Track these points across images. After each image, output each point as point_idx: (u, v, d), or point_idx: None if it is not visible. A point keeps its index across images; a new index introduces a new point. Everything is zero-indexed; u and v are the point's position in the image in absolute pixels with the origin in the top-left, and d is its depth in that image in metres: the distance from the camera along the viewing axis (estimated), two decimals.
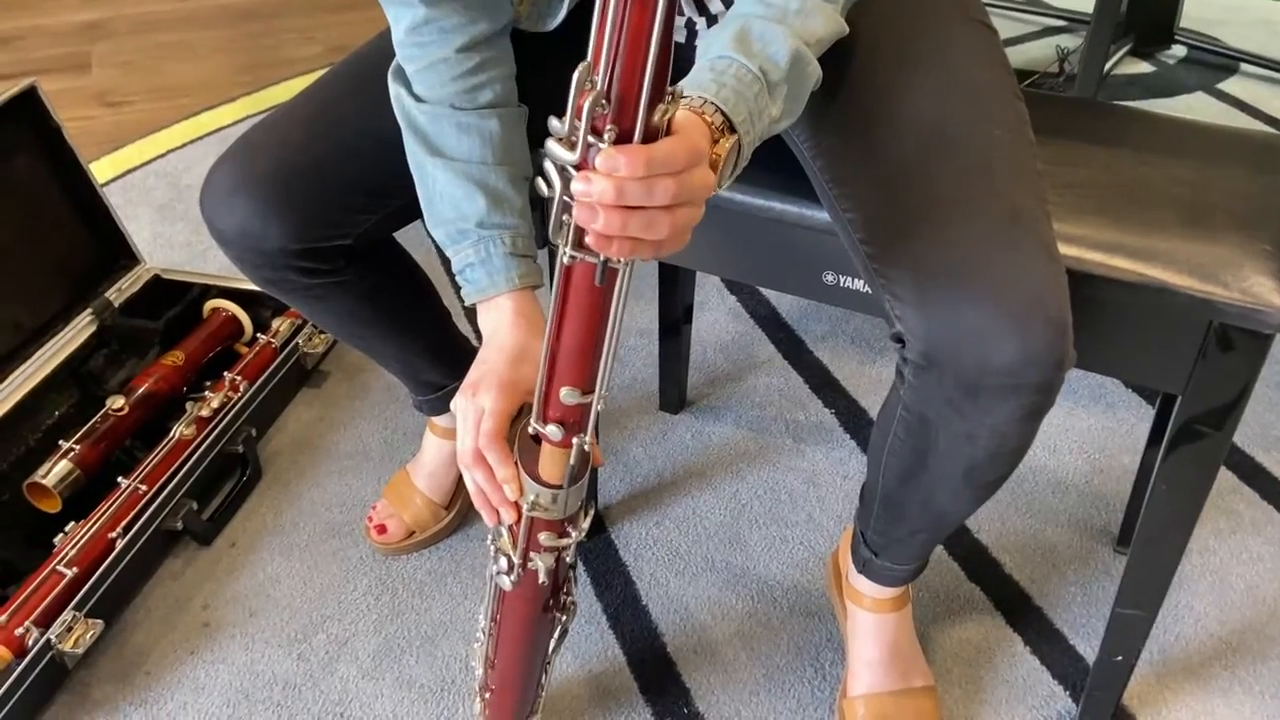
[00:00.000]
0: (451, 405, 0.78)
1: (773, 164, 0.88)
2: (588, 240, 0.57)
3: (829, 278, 0.92)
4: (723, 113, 0.63)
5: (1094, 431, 1.35)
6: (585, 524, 0.76)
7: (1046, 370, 0.69)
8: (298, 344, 1.43)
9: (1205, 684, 1.07)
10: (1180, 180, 0.85)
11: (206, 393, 1.33)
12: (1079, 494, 1.27)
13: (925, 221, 0.73)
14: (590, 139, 0.54)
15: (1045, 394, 0.70)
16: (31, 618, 1.05)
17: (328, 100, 0.94)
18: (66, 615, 1.06)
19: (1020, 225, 0.72)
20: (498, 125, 0.80)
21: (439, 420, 1.21)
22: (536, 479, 0.70)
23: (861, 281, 0.90)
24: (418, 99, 0.81)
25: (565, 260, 0.60)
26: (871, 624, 1.03)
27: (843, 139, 0.78)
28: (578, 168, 0.55)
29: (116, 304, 1.46)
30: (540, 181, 0.57)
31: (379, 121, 0.84)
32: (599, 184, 0.54)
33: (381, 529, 1.22)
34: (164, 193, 1.90)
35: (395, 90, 0.82)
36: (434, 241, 0.83)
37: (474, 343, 1.22)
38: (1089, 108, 1.02)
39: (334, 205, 0.92)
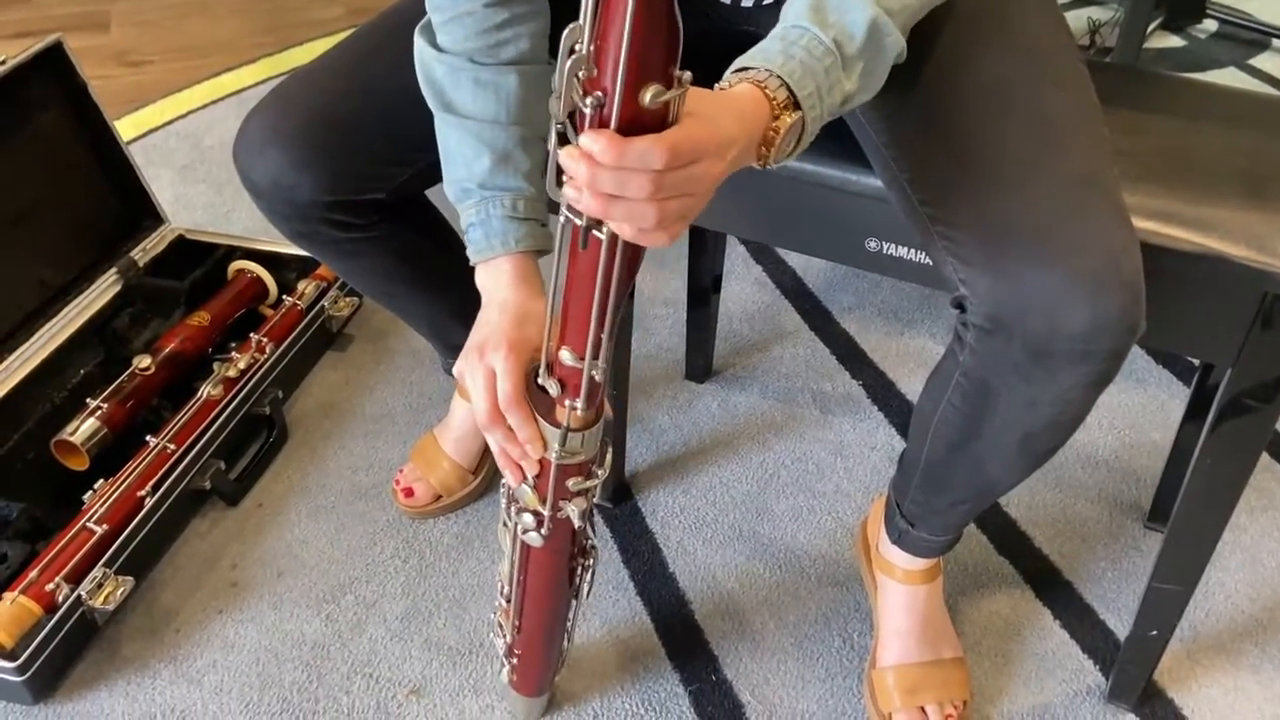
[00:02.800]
0: (455, 370, 0.77)
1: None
2: (573, 204, 0.57)
3: (872, 244, 0.90)
4: (787, 87, 0.61)
5: (1125, 407, 1.34)
6: (608, 461, 0.75)
7: (1119, 336, 0.68)
8: (323, 307, 1.42)
9: (1235, 660, 1.06)
10: (1236, 149, 0.84)
11: (233, 354, 1.33)
12: (1109, 469, 1.26)
13: (993, 182, 0.72)
14: (575, 98, 0.53)
15: (1114, 361, 0.69)
16: (62, 574, 1.05)
17: (364, 53, 0.93)
18: (97, 572, 1.06)
19: (1092, 187, 0.71)
20: (516, 82, 0.79)
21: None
22: (557, 425, 0.70)
23: (906, 248, 0.89)
24: (439, 49, 0.79)
25: (561, 219, 0.60)
26: (903, 595, 1.02)
27: (902, 98, 0.77)
28: (569, 123, 0.55)
29: (141, 263, 1.45)
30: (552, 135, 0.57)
31: (413, 75, 0.83)
32: (575, 165, 0.54)
33: (409, 492, 1.22)
34: (185, 154, 1.88)
35: (418, 44, 0.80)
36: None
37: None
38: (1139, 76, 1.00)
39: (368, 158, 0.91)
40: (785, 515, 1.22)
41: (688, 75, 0.54)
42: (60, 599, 1.03)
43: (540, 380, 0.69)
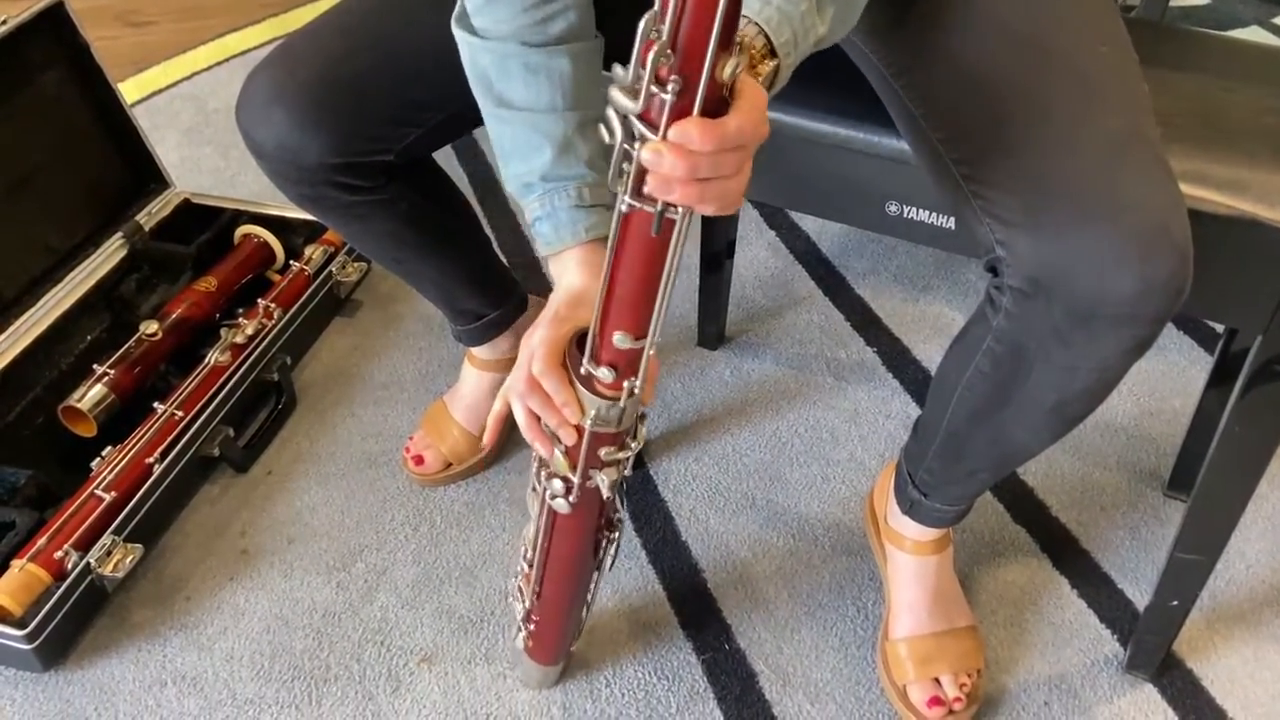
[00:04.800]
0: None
1: (839, 88, 0.84)
2: (648, 190, 0.55)
3: (892, 208, 0.88)
4: (765, 34, 0.60)
5: (1144, 374, 1.32)
6: (643, 433, 0.74)
7: (1166, 300, 0.66)
8: (331, 272, 1.40)
9: (1256, 630, 1.05)
10: (1268, 108, 0.81)
11: (240, 319, 1.31)
12: (1128, 437, 1.24)
13: (1035, 139, 0.69)
14: (654, 89, 0.52)
15: (1157, 325, 0.68)
16: (70, 541, 1.04)
17: (371, 9, 0.90)
18: (105, 539, 1.05)
19: (1137, 144, 0.69)
20: (569, 65, 0.75)
21: (478, 352, 1.19)
22: (596, 394, 0.69)
23: (927, 212, 0.87)
24: (483, 36, 0.75)
25: (623, 208, 0.58)
26: (913, 567, 1.01)
27: (933, 56, 0.74)
28: (640, 117, 0.53)
29: (147, 228, 1.44)
30: (602, 128, 0.56)
31: (421, 32, 0.81)
32: (668, 160, 0.52)
33: (419, 460, 1.21)
34: (190, 116, 1.86)
35: (459, 36, 0.76)
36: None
37: (515, 273, 1.19)
38: (1164, 32, 0.97)
39: (375, 118, 0.89)
40: (798, 483, 1.21)
41: (747, 38, 0.54)
42: (69, 567, 1.03)
43: (585, 369, 0.68)
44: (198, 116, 1.86)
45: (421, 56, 0.79)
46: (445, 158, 1.02)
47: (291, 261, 1.42)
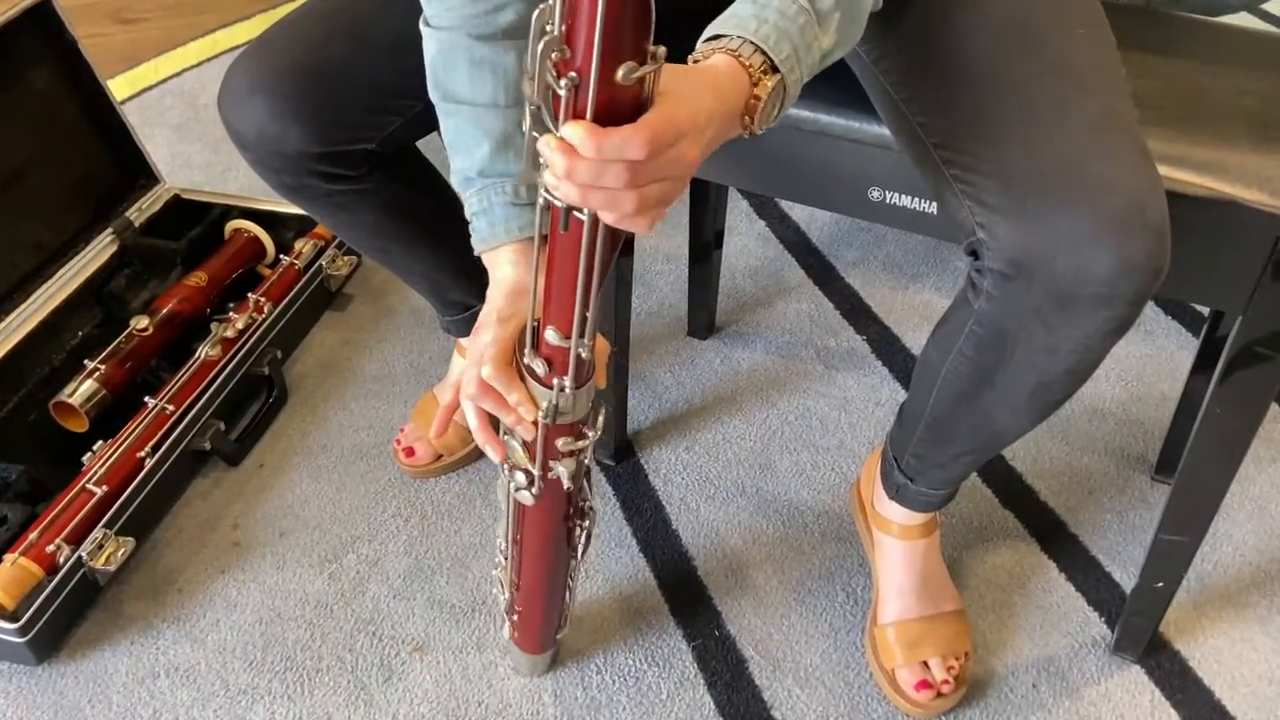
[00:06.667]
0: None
1: (820, 73, 0.84)
2: (547, 182, 0.56)
3: (875, 194, 0.89)
4: (763, 52, 0.60)
5: (1132, 359, 1.33)
6: (600, 422, 0.74)
7: (1144, 281, 0.67)
8: (321, 266, 1.41)
9: (1243, 612, 1.06)
10: (1248, 91, 0.82)
11: (231, 314, 1.32)
12: (1116, 421, 1.25)
13: (1014, 123, 0.70)
14: (549, 82, 0.52)
15: (1136, 305, 0.68)
16: (62, 535, 1.05)
17: None
18: (97, 533, 1.06)
19: (1115, 128, 0.69)
20: (514, 61, 0.75)
21: (466, 342, 1.19)
22: (547, 386, 0.69)
23: (910, 197, 0.87)
24: (433, 26, 0.75)
25: (541, 201, 0.59)
26: (900, 552, 1.02)
27: (913, 40, 0.75)
28: (550, 110, 0.54)
29: (137, 224, 1.44)
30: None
31: (400, 19, 0.80)
32: (553, 155, 0.52)
33: (409, 452, 1.21)
34: (180, 112, 1.86)
35: (422, 30, 0.77)
36: None
37: None
38: (1149, 16, 0.97)
39: (355, 106, 0.89)
40: (788, 471, 1.21)
41: (662, 50, 0.52)
42: (61, 560, 1.03)
43: (526, 360, 0.69)
44: (188, 112, 1.86)
45: (399, 45, 0.79)
46: (434, 148, 1.02)
47: (282, 256, 1.42)
